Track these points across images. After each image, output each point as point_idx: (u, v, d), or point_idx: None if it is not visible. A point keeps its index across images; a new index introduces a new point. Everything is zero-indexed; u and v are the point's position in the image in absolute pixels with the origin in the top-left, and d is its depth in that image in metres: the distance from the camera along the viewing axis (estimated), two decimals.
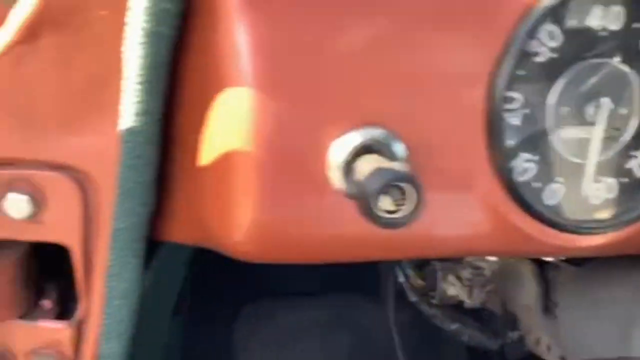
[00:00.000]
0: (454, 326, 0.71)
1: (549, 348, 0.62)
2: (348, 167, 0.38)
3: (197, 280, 0.96)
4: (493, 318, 0.70)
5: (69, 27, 0.37)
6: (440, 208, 0.42)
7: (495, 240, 0.44)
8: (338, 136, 0.39)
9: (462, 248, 0.45)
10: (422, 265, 0.71)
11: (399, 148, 0.40)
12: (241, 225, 0.41)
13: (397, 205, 0.36)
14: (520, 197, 0.43)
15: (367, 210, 0.35)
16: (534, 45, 0.40)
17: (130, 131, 0.40)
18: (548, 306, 0.60)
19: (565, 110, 0.42)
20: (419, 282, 0.72)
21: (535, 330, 0.62)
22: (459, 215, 0.43)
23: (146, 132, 0.40)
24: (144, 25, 0.36)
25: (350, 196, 0.39)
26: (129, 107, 0.39)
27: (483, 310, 0.70)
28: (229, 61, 0.38)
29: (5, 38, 0.37)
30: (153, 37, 0.37)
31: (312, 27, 0.38)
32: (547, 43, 0.40)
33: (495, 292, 0.68)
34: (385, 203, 0.35)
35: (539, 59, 0.41)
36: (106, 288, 0.45)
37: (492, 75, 0.40)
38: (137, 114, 0.39)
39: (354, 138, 0.39)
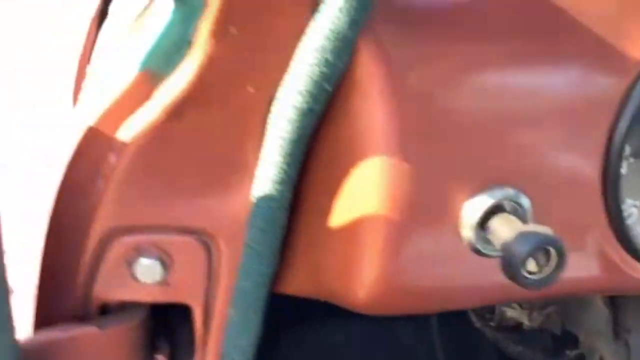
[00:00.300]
0: (517, 349, 0.74)
1: None
2: (482, 227, 0.40)
3: None
4: (551, 337, 0.73)
5: (215, 104, 0.38)
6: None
7: (603, 281, 0.47)
8: (470, 197, 0.41)
9: (572, 289, 0.47)
10: None
11: (526, 203, 0.41)
12: (370, 282, 0.42)
13: (541, 266, 0.38)
14: (628, 241, 0.45)
15: (513, 272, 0.37)
16: None
17: (265, 197, 0.41)
18: (617, 331, 0.62)
19: None
20: None
21: (602, 353, 0.65)
22: (574, 260, 0.45)
23: (281, 199, 0.41)
24: (299, 105, 0.37)
25: (483, 254, 0.41)
26: (267, 174, 0.40)
27: (541, 331, 0.73)
28: (364, 130, 0.39)
29: (150, 117, 0.38)
30: (305, 116, 0.38)
31: (442, 100, 0.40)
32: None
33: (556, 314, 0.70)
34: (531, 265, 0.37)
35: None
36: (225, 344, 0.46)
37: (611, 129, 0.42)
38: (275, 182, 0.40)
39: (486, 199, 0.40)
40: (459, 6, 0.40)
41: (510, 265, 0.37)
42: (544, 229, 0.38)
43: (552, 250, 0.37)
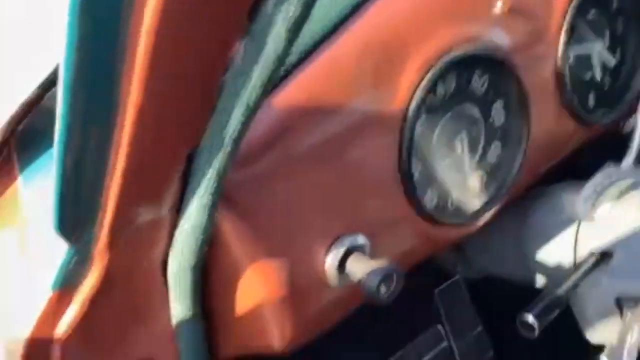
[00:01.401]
0: None
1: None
2: (341, 269, 0.55)
3: None
4: None
5: (119, 290, 0.48)
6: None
7: (426, 248, 0.64)
8: (326, 252, 0.55)
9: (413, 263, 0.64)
10: None
11: (362, 240, 0.56)
12: (278, 338, 0.56)
13: (389, 287, 0.53)
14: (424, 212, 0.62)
15: (373, 297, 0.53)
16: None
17: (183, 321, 0.53)
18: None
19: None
20: None
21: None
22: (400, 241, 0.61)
23: (196, 314, 0.53)
24: (188, 263, 0.49)
25: (346, 287, 0.56)
26: (181, 307, 0.52)
27: None
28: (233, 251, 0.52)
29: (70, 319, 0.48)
30: (194, 269, 0.49)
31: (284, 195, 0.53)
32: None
33: None
34: (383, 290, 0.53)
35: None
36: None
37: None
38: (187, 309, 0.52)
39: (339, 249, 0.55)
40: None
41: (370, 295, 0.53)
42: (383, 262, 0.53)
43: (394, 275, 0.53)
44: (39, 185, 0.56)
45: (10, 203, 0.58)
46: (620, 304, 0.58)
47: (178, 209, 0.47)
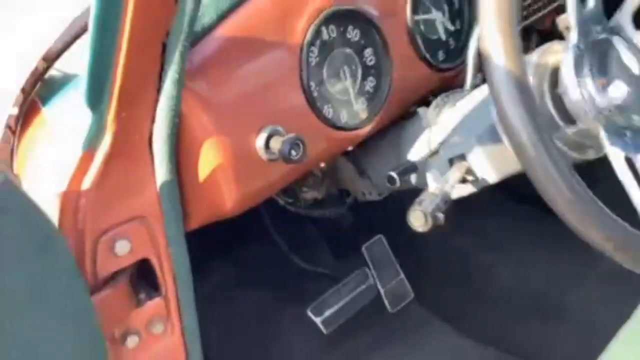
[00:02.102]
0: (319, 212, 1.22)
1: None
2: (267, 146, 0.84)
3: None
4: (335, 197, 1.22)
5: (120, 153, 0.76)
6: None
7: (329, 150, 0.94)
8: (257, 135, 0.83)
9: (316, 161, 0.94)
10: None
11: (281, 130, 0.85)
12: (230, 200, 0.84)
13: (298, 151, 0.82)
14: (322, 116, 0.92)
15: (287, 159, 0.81)
16: None
17: (164, 184, 0.80)
18: (361, 173, 1.12)
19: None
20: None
21: (359, 189, 1.16)
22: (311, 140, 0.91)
23: (172, 182, 0.80)
24: (167, 129, 0.77)
25: (272, 160, 0.84)
26: (163, 171, 0.79)
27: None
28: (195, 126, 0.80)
29: (92, 175, 0.75)
30: (170, 136, 0.77)
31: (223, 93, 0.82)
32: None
33: (330, 184, 1.19)
34: (293, 153, 0.82)
35: None
36: (175, 267, 0.85)
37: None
38: (167, 172, 0.79)
39: (263, 135, 0.84)
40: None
41: (285, 158, 0.81)
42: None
43: (300, 143, 0.82)
44: (56, 107, 0.84)
45: (39, 120, 0.85)
46: (451, 162, 0.88)
47: (159, 89, 0.75)
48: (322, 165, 1.15)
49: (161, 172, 0.79)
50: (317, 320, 1.39)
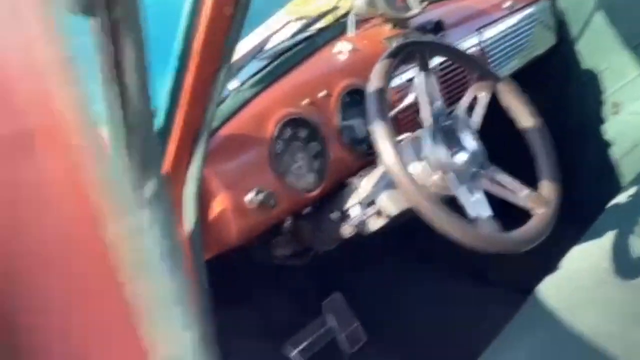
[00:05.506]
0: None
1: None
2: (254, 199, 1.34)
3: None
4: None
5: None
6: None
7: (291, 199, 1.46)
8: (248, 192, 1.34)
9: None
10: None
11: (262, 189, 1.36)
12: (237, 230, 1.33)
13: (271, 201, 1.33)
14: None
15: (264, 206, 1.32)
16: None
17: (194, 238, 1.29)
18: None
19: None
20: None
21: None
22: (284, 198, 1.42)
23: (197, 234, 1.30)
24: None
25: (258, 207, 1.35)
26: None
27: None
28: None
29: None
30: None
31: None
32: None
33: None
34: (271, 202, 1.32)
35: None
36: None
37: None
38: (192, 230, 1.28)
39: (252, 191, 1.35)
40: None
41: (265, 205, 1.32)
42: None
43: (272, 196, 1.33)
44: None
45: None
46: (369, 204, 1.41)
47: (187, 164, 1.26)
48: (289, 221, 1.65)
49: (190, 221, 1.28)
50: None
